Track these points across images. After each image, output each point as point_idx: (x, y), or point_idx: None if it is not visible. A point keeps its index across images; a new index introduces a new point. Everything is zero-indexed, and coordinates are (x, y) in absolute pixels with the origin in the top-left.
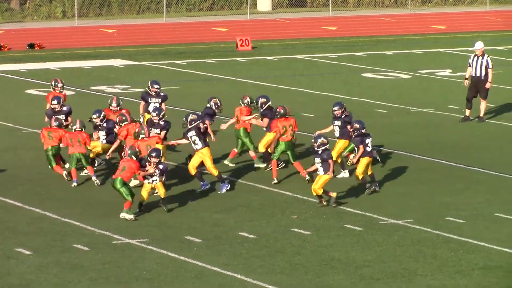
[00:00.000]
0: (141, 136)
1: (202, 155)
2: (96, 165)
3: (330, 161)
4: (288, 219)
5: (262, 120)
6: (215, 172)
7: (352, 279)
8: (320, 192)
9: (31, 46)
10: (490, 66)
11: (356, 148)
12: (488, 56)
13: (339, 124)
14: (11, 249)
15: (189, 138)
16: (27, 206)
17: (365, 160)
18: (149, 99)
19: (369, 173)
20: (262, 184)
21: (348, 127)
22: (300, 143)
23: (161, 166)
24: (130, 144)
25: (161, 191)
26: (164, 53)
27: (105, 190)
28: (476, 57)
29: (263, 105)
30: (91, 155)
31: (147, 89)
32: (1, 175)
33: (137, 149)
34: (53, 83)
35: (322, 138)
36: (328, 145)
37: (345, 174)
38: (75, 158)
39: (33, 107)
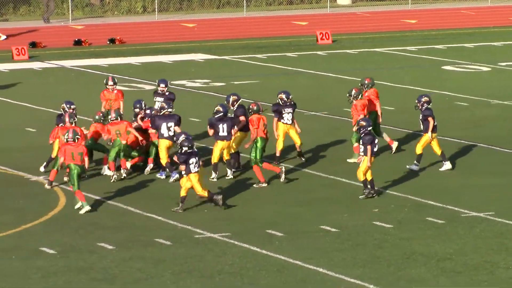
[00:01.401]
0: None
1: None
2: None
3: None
4: (369, 212)
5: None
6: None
7: (433, 272)
8: (363, 178)
9: (112, 41)
10: None
11: (362, 147)
12: None
13: (420, 118)
14: (94, 244)
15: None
16: (110, 201)
17: (368, 161)
18: (155, 97)
19: (369, 178)
20: (343, 177)
21: (429, 119)
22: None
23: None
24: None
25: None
26: (244, 47)
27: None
28: None
29: (235, 103)
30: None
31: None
32: None
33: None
34: (105, 81)
35: (361, 121)
36: (369, 128)
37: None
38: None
39: None
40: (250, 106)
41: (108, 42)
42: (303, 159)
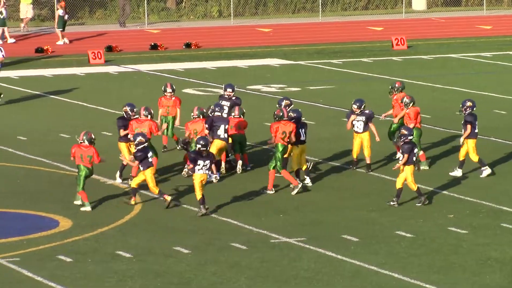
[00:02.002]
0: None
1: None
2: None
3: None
4: (444, 218)
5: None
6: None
7: (509, 278)
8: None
9: (188, 45)
10: None
11: (402, 155)
12: None
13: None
14: (170, 248)
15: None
16: (185, 205)
17: (410, 169)
18: (220, 101)
19: (415, 188)
20: (418, 183)
21: (468, 126)
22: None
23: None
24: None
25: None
26: (319, 52)
27: (259, 189)
28: None
29: (287, 107)
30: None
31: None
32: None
33: None
34: (163, 88)
35: (402, 129)
36: (409, 137)
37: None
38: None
39: (190, 105)
40: (275, 113)
41: (183, 47)
42: (370, 171)
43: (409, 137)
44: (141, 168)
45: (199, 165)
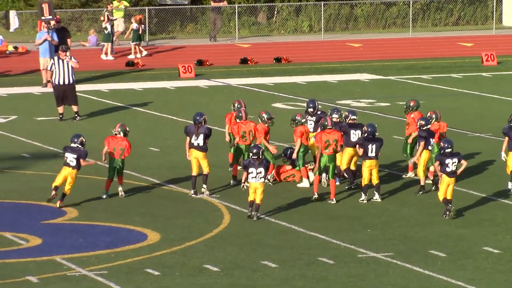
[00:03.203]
0: None
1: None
2: None
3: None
4: None
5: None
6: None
7: None
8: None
9: (278, 60)
10: None
11: (438, 167)
12: None
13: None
14: (257, 262)
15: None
16: (273, 219)
17: (446, 181)
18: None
19: (449, 197)
20: (507, 199)
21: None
22: None
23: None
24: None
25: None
26: (409, 67)
27: (347, 203)
28: None
29: (346, 119)
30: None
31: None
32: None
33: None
34: (236, 105)
35: (442, 143)
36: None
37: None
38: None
39: (280, 120)
40: (320, 122)
41: (274, 61)
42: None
43: (447, 150)
44: None
45: (251, 173)
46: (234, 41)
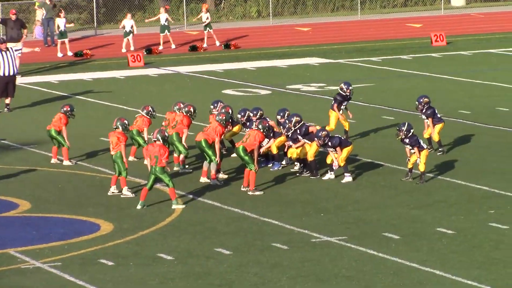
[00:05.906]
0: None
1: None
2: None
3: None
4: (485, 213)
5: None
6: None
7: None
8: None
9: (227, 46)
10: None
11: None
12: None
13: None
14: (211, 249)
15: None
16: (225, 206)
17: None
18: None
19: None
20: (459, 179)
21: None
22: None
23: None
24: None
25: None
26: (359, 50)
27: (301, 189)
28: None
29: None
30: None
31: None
32: (195, 176)
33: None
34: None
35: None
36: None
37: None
38: None
39: (231, 106)
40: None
41: (223, 48)
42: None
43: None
44: None
45: None
46: (183, 29)
